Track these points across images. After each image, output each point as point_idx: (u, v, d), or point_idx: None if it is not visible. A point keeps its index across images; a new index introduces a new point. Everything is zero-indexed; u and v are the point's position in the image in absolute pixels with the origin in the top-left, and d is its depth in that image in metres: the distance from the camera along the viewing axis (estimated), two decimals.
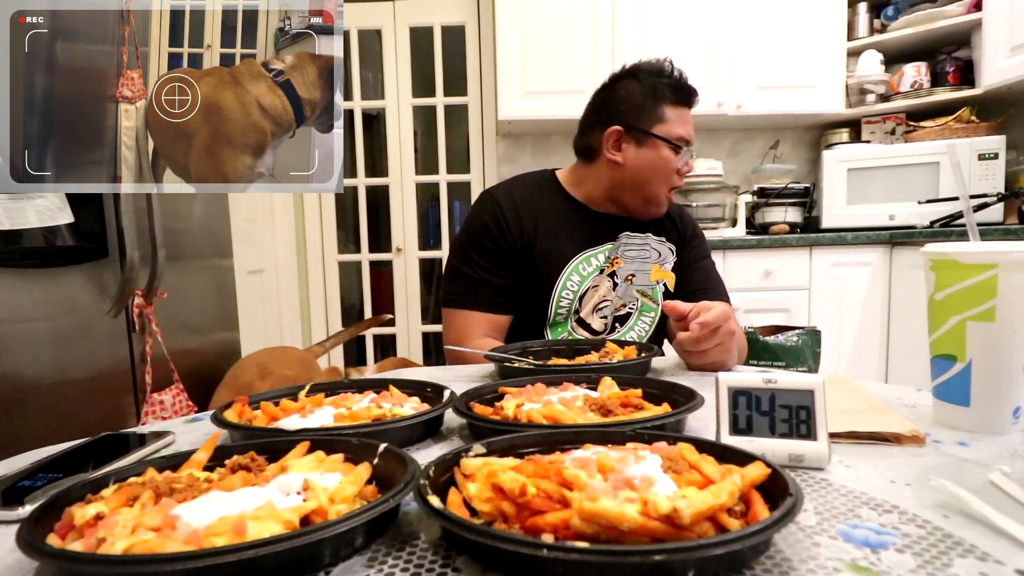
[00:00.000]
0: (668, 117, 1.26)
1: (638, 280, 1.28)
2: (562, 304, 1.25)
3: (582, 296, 1.26)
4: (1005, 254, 0.58)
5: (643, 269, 1.29)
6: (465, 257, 1.27)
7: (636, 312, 1.29)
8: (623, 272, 1.27)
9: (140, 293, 1.57)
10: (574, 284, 1.26)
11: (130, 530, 0.36)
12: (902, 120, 2.97)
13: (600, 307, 1.27)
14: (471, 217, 1.32)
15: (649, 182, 1.26)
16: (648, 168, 1.25)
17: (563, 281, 1.25)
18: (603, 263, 1.27)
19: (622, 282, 1.27)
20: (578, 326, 1.27)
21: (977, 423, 0.62)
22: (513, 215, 1.26)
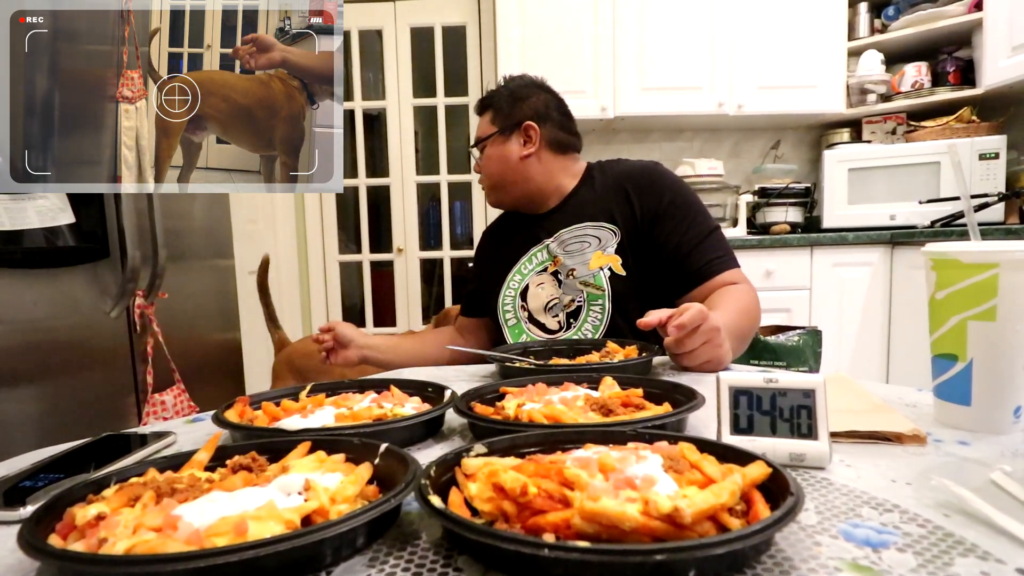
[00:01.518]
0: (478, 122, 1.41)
1: (579, 272, 1.27)
2: (506, 304, 1.33)
3: (524, 292, 1.32)
4: (1006, 253, 0.58)
5: (583, 260, 1.27)
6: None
7: (584, 304, 1.27)
8: (564, 269, 1.28)
9: (141, 293, 1.57)
10: (515, 283, 1.33)
11: (131, 530, 0.36)
12: (903, 120, 2.97)
13: (550, 306, 1.29)
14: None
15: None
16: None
17: (506, 282, 1.34)
18: (544, 260, 1.31)
19: (565, 278, 1.28)
20: (533, 326, 1.31)
21: (978, 422, 0.61)
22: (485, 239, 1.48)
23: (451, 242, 3.49)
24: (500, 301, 1.34)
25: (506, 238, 1.40)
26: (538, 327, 1.30)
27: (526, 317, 1.31)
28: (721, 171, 3.01)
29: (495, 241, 1.44)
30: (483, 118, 1.39)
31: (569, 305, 1.28)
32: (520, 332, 1.31)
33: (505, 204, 1.39)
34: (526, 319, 1.31)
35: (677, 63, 2.91)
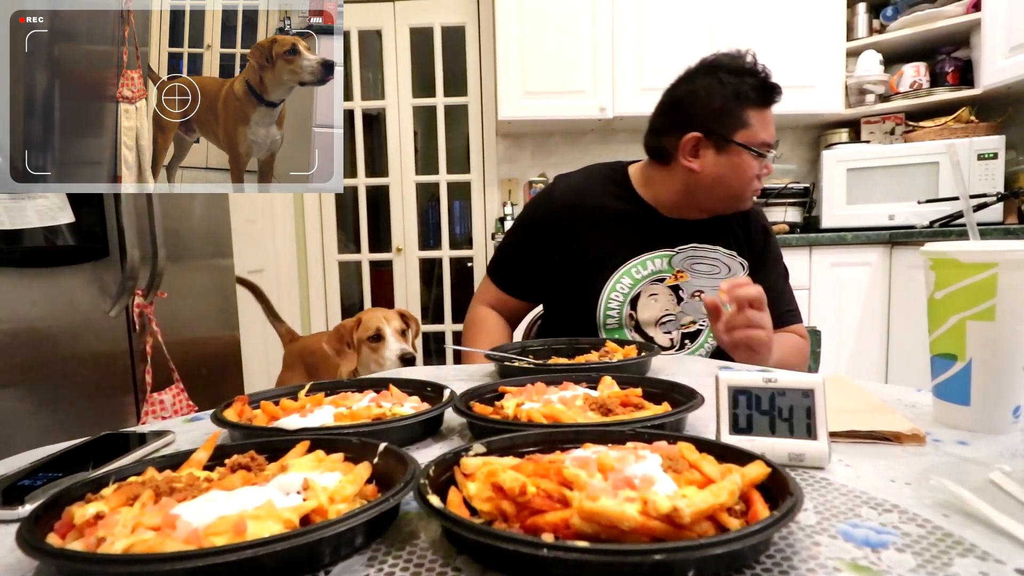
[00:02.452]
0: (751, 122, 1.16)
1: (709, 295, 1.18)
2: (611, 307, 1.20)
3: (634, 301, 1.20)
4: (1005, 253, 0.58)
5: (713, 285, 1.20)
6: (511, 231, 1.34)
7: (707, 329, 1.22)
8: (689, 287, 1.21)
9: (140, 293, 1.57)
10: (624, 287, 1.20)
11: (130, 529, 0.36)
12: (901, 120, 2.97)
13: (663, 321, 1.21)
14: (532, 199, 1.36)
15: (728, 189, 1.19)
16: (728, 176, 1.18)
17: (612, 283, 1.20)
18: (662, 269, 1.21)
19: (688, 298, 1.21)
20: (638, 336, 1.22)
21: (977, 422, 0.61)
22: (565, 211, 1.24)
23: (450, 242, 3.49)
24: (603, 302, 1.20)
25: (620, 225, 1.22)
26: (645, 339, 1.21)
27: (633, 326, 1.21)
28: None
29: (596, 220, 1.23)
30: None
31: (687, 325, 1.23)
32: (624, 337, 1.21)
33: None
34: (632, 328, 1.21)
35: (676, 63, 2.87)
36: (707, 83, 1.18)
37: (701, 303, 1.20)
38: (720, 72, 1.18)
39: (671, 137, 1.21)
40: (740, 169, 1.17)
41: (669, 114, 1.24)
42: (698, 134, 1.18)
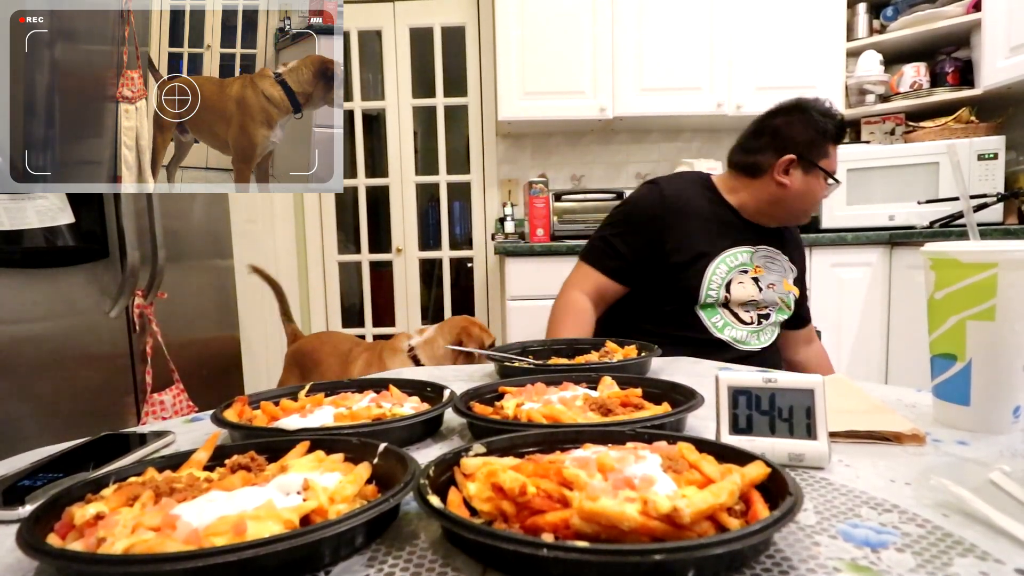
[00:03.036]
0: (830, 154, 1.46)
1: (777, 288, 1.48)
2: (712, 287, 1.43)
3: (727, 285, 1.44)
4: (1005, 253, 0.58)
5: (779, 279, 1.50)
6: (614, 225, 1.50)
7: (774, 313, 1.49)
8: (765, 280, 1.47)
9: (140, 293, 1.57)
10: (721, 272, 1.44)
11: (130, 530, 0.36)
12: (902, 120, 2.97)
13: (747, 305, 1.46)
14: (636, 195, 1.55)
15: (803, 204, 1.48)
16: (806, 194, 1.46)
17: (713, 268, 1.44)
18: (746, 263, 1.46)
19: (765, 287, 1.47)
20: (728, 313, 1.45)
21: (977, 422, 0.61)
22: (673, 207, 1.46)
23: (450, 242, 3.49)
24: (706, 281, 1.42)
25: (712, 225, 1.47)
26: (732, 315, 1.45)
27: (723, 303, 1.44)
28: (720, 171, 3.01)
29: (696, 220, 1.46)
30: None
31: (761, 308, 1.47)
32: (713, 314, 1.44)
33: None
34: (722, 304, 1.44)
35: (676, 64, 2.92)
36: (803, 118, 1.46)
37: (775, 293, 1.48)
38: (811, 111, 1.45)
39: (767, 156, 1.47)
40: (814, 190, 1.46)
41: (767, 138, 1.49)
42: (792, 157, 1.44)
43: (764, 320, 1.48)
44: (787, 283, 1.51)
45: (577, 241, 2.74)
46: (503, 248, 2.72)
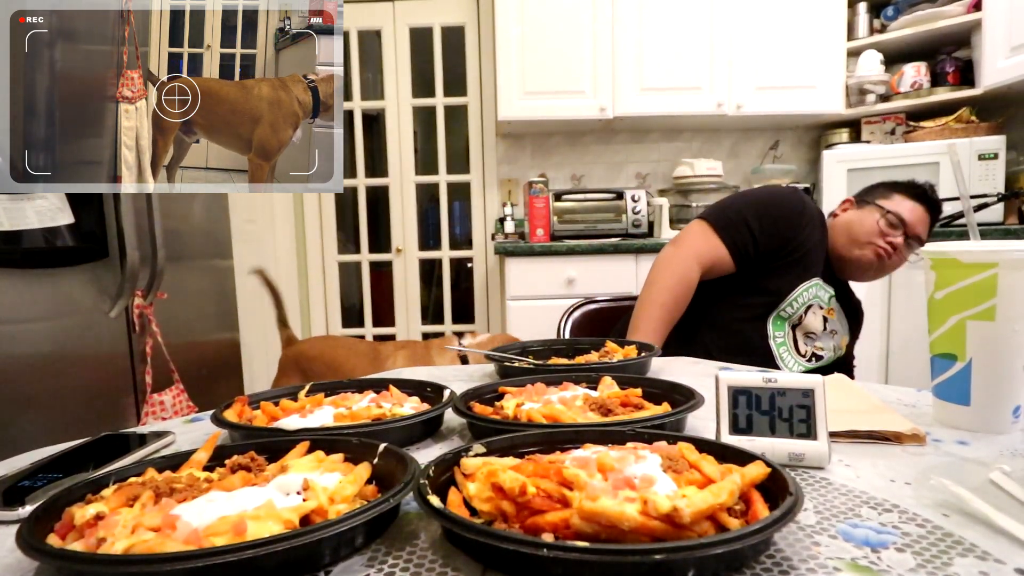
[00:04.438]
0: (892, 197, 1.49)
1: (837, 336, 1.53)
2: (796, 304, 1.45)
3: (806, 309, 1.47)
4: (1005, 253, 0.58)
5: (841, 332, 1.54)
6: (755, 207, 1.48)
7: (825, 358, 1.51)
8: (831, 324, 1.51)
9: (140, 293, 1.57)
10: (808, 295, 1.47)
11: (130, 530, 0.36)
12: (902, 120, 2.97)
13: (809, 336, 1.49)
14: (782, 191, 1.59)
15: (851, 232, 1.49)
16: (854, 223, 1.49)
17: (803, 288, 1.46)
18: (824, 300, 1.49)
19: (829, 331, 1.50)
20: (792, 336, 1.48)
21: (977, 422, 0.61)
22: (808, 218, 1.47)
23: (450, 242, 3.49)
24: (795, 293, 1.45)
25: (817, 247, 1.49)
26: (794, 341, 1.48)
27: (794, 324, 1.47)
28: (720, 171, 3.02)
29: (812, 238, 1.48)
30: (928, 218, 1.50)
31: (818, 349, 1.50)
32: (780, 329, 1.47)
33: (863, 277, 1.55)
34: (792, 326, 1.48)
35: (676, 63, 2.92)
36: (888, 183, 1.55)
37: (833, 343, 1.52)
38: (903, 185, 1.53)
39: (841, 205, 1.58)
40: (865, 222, 1.48)
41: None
42: (851, 199, 1.56)
43: (816, 359, 1.50)
44: (844, 339, 1.55)
45: (577, 241, 2.74)
46: (503, 248, 2.72)
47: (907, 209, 1.47)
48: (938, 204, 1.50)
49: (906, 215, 1.46)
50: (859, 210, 1.51)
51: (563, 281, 2.64)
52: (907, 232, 1.46)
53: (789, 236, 1.45)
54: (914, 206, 1.47)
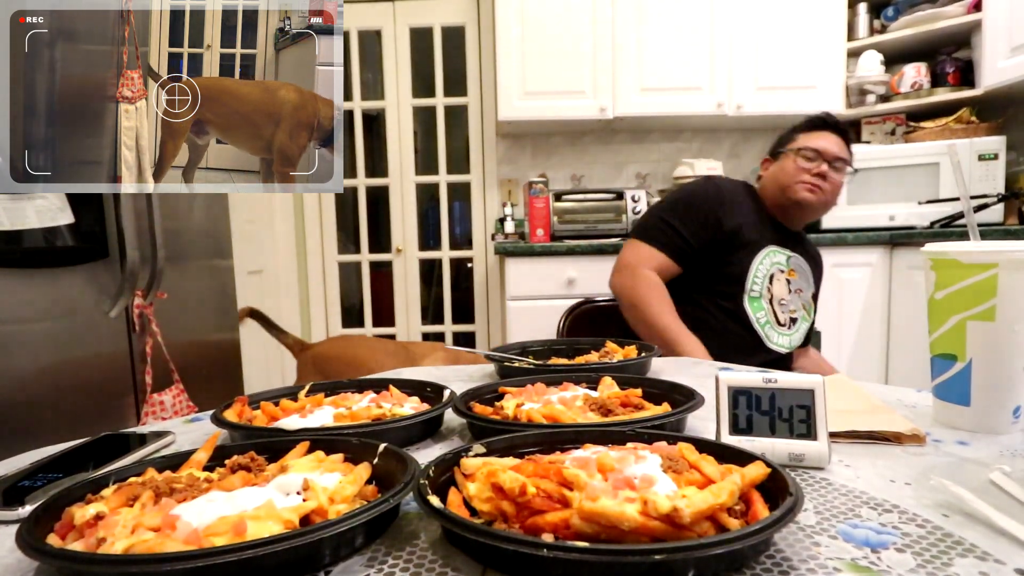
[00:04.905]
0: (797, 138, 1.59)
1: (803, 295, 1.58)
2: (758, 277, 1.51)
3: (770, 278, 1.53)
4: (1005, 253, 0.58)
5: (806, 288, 1.60)
6: (673, 209, 1.57)
7: (799, 319, 1.57)
8: (795, 284, 1.57)
9: (140, 293, 1.56)
10: (766, 265, 1.53)
11: (130, 530, 0.36)
12: (902, 121, 2.97)
13: (782, 303, 1.54)
14: (693, 185, 1.66)
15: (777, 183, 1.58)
16: (777, 174, 1.58)
17: (759, 259, 1.52)
18: (782, 263, 1.55)
19: (793, 291, 1.56)
20: (770, 307, 1.53)
21: (977, 422, 0.61)
22: (728, 198, 1.56)
23: (450, 242, 3.49)
24: (753, 269, 1.51)
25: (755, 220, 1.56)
26: (772, 312, 1.53)
27: (768, 298, 1.52)
28: (720, 172, 3.01)
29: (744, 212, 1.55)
30: (842, 143, 1.57)
31: (792, 312, 1.55)
32: (759, 308, 1.51)
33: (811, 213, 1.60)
34: (768, 300, 1.52)
35: (676, 64, 2.92)
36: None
37: (802, 301, 1.57)
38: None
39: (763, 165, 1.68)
40: (786, 167, 1.56)
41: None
42: (767, 156, 1.67)
43: (793, 324, 1.57)
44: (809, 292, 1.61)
45: (577, 241, 2.74)
46: (503, 248, 2.71)
47: (813, 139, 1.55)
48: (839, 124, 1.58)
49: (815, 144, 1.54)
50: (777, 162, 1.60)
51: (563, 281, 2.64)
52: (826, 159, 1.53)
53: (717, 221, 1.51)
54: (819, 134, 1.56)
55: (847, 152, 1.58)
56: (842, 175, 1.56)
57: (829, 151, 1.54)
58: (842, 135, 1.58)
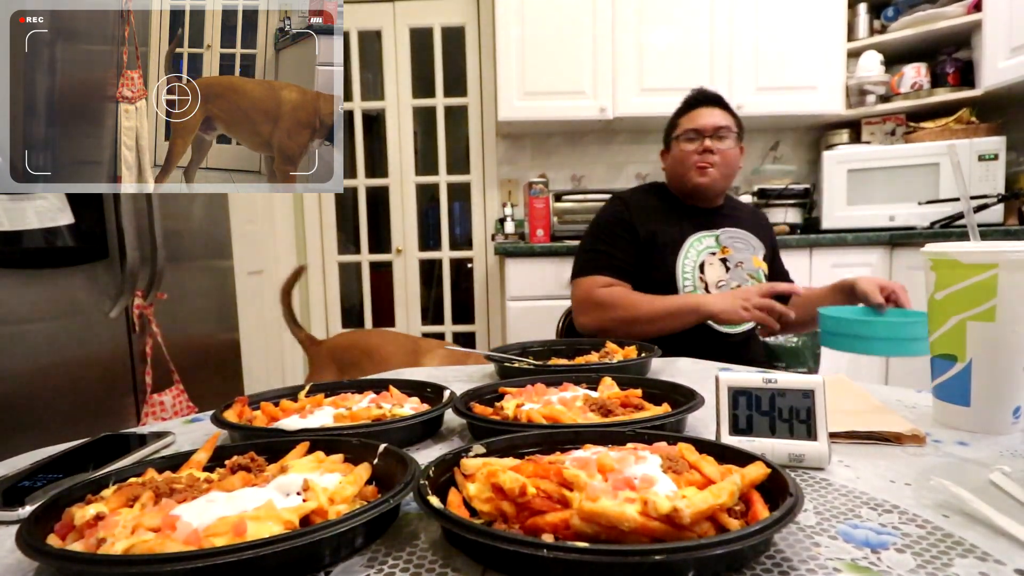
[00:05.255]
0: (677, 123, 1.65)
1: (746, 266, 1.58)
2: (686, 271, 1.54)
3: (701, 267, 1.55)
4: (1005, 254, 0.58)
5: (747, 258, 1.60)
6: (595, 236, 1.63)
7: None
8: (733, 259, 1.58)
9: (140, 294, 1.57)
10: (692, 256, 1.56)
11: (130, 530, 0.36)
12: (902, 121, 2.97)
13: (719, 286, 1.55)
14: (603, 209, 1.70)
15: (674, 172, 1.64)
16: (673, 164, 1.64)
17: (683, 253, 1.55)
18: (711, 246, 1.58)
19: (734, 267, 1.57)
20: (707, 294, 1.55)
21: (977, 423, 0.61)
22: (636, 209, 1.61)
23: (450, 243, 3.49)
24: (679, 267, 1.54)
25: (671, 217, 1.61)
26: None
27: (703, 287, 1.54)
28: None
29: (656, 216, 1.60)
30: (719, 112, 1.59)
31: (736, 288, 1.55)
32: None
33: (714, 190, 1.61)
34: (703, 288, 1.54)
35: (676, 64, 2.92)
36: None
37: (745, 272, 1.58)
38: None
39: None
40: (676, 155, 1.63)
41: None
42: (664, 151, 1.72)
43: None
44: (756, 259, 1.61)
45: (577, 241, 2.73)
46: (503, 248, 2.71)
47: (690, 120, 1.60)
48: (712, 95, 1.62)
49: (693, 124, 1.59)
50: (669, 153, 1.67)
51: (563, 282, 2.63)
52: (706, 134, 1.56)
53: (634, 234, 1.57)
54: (696, 113, 1.60)
55: (729, 119, 1.60)
56: (729, 142, 1.58)
57: (707, 125, 1.57)
58: (720, 105, 1.61)
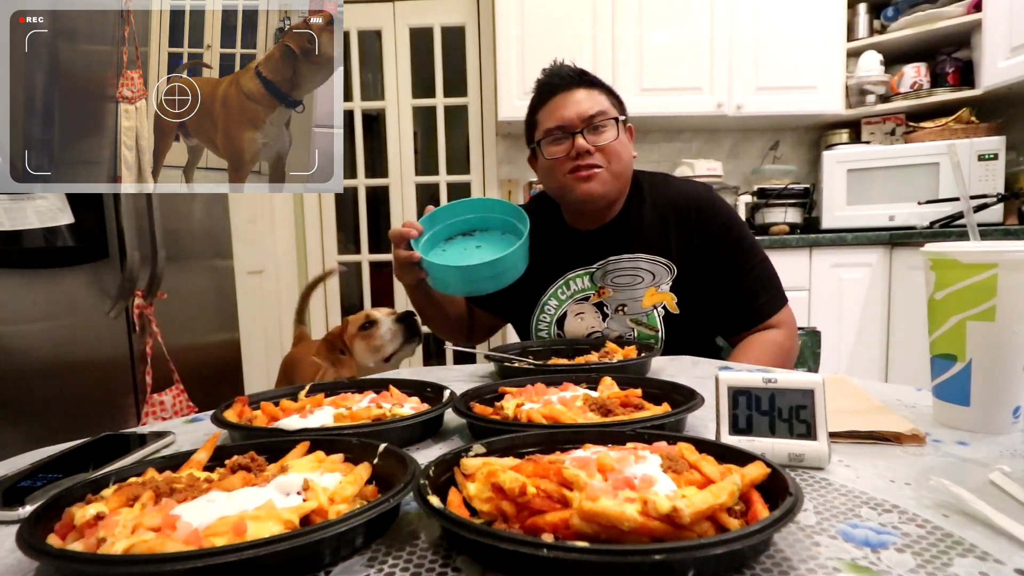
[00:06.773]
0: (534, 121, 1.24)
1: (630, 309, 1.20)
2: (541, 328, 1.27)
3: (560, 321, 1.23)
4: (1005, 253, 0.58)
5: (634, 296, 1.20)
6: None
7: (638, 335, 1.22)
8: (612, 302, 1.21)
9: (140, 294, 1.57)
10: (551, 308, 1.25)
11: (130, 530, 0.36)
12: (902, 121, 2.97)
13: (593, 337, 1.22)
14: None
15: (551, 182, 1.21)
16: (544, 174, 1.23)
17: (540, 306, 1.26)
18: (585, 288, 1.22)
19: (612, 313, 1.21)
20: None
21: (977, 423, 0.61)
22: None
23: None
24: (533, 326, 1.27)
25: (544, 250, 1.20)
26: None
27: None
28: (720, 172, 3.02)
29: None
30: (584, 93, 1.18)
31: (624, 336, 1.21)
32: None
33: (608, 199, 1.19)
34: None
35: (676, 64, 2.92)
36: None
37: (627, 319, 1.21)
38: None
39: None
40: (544, 163, 1.21)
41: None
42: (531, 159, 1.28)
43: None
44: (653, 294, 1.20)
45: None
46: None
47: (549, 114, 1.18)
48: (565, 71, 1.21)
49: (554, 119, 1.17)
50: (535, 160, 1.24)
51: None
52: (576, 128, 1.15)
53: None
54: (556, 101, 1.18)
55: (602, 99, 1.18)
56: (609, 132, 1.15)
57: (573, 118, 1.15)
58: (584, 83, 1.19)
